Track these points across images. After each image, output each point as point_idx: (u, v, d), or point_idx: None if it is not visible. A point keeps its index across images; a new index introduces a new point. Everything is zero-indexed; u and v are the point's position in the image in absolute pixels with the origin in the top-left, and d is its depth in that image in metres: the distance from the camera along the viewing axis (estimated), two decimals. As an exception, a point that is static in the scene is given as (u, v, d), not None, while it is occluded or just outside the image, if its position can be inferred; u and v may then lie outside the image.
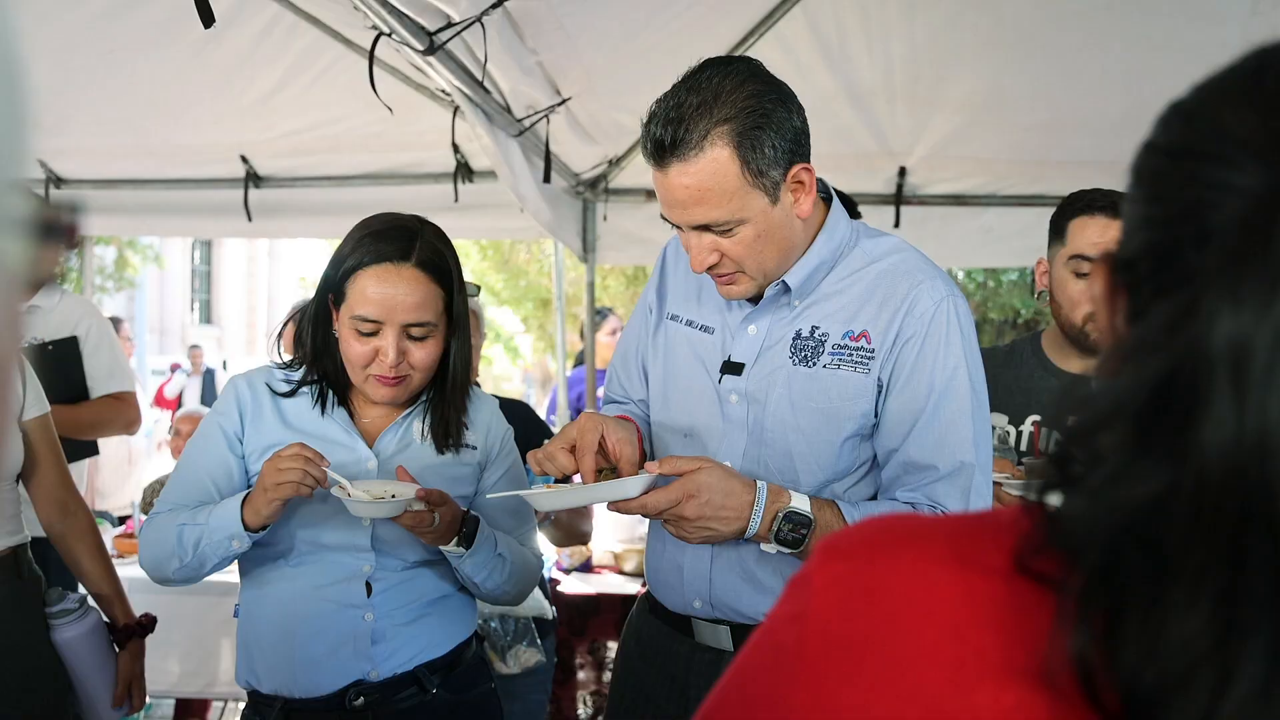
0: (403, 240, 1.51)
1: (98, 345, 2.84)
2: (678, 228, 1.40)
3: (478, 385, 1.81)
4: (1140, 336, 0.45)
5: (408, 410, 1.63)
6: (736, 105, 1.30)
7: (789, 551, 1.34)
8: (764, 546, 1.36)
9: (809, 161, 1.37)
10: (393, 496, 1.45)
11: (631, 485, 1.30)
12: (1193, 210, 0.44)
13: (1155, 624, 0.41)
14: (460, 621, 1.66)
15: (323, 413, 1.60)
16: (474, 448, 1.67)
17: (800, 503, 1.33)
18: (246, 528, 1.47)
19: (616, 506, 1.33)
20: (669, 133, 1.30)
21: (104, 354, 2.85)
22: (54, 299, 2.82)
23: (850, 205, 2.51)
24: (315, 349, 1.60)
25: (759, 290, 1.45)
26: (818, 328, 1.43)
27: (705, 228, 1.35)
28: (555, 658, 2.67)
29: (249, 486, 1.57)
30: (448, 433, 1.62)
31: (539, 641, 2.41)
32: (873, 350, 1.40)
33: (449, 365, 1.60)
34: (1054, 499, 0.48)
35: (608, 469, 1.38)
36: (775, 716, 0.53)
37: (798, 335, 1.44)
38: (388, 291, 1.49)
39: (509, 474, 1.71)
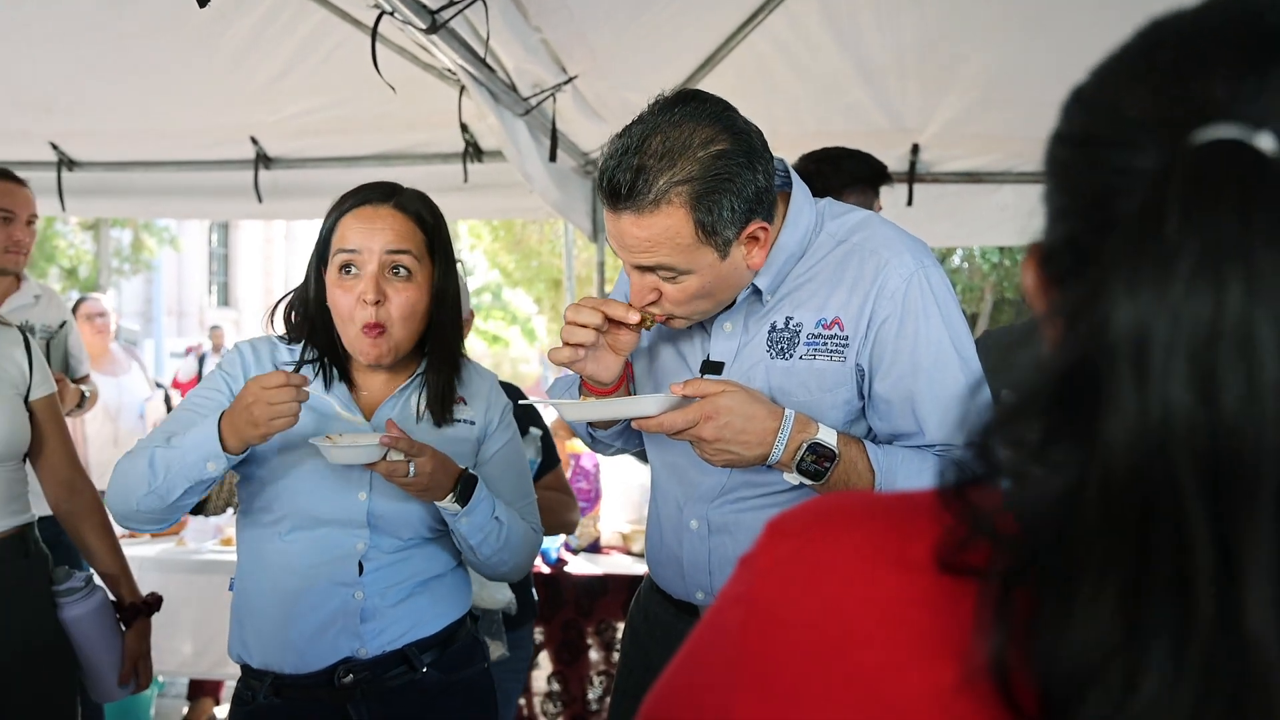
0: (383, 189, 1.58)
1: (76, 329, 3.25)
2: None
3: (466, 357, 1.82)
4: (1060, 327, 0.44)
5: (405, 384, 1.64)
6: (701, 164, 1.25)
7: (810, 484, 1.33)
8: (786, 476, 1.35)
9: (769, 218, 1.35)
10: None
11: (650, 403, 1.33)
12: (1101, 199, 0.43)
13: (1065, 619, 0.40)
14: (453, 601, 1.67)
15: (324, 388, 1.61)
16: (472, 422, 1.67)
17: (827, 436, 1.32)
18: (225, 449, 1.44)
19: (638, 424, 1.35)
20: (626, 180, 1.26)
21: (78, 338, 3.26)
22: (39, 287, 3.11)
23: (880, 171, 2.49)
24: (312, 325, 1.61)
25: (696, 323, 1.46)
26: (791, 318, 1.42)
27: (650, 269, 1.34)
28: (530, 650, 2.66)
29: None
30: (445, 406, 1.62)
31: (504, 634, 2.38)
32: (846, 337, 1.38)
33: (435, 329, 1.61)
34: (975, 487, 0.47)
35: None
36: (721, 696, 0.53)
37: (773, 328, 1.43)
38: (367, 224, 1.54)
39: (508, 446, 1.72)
